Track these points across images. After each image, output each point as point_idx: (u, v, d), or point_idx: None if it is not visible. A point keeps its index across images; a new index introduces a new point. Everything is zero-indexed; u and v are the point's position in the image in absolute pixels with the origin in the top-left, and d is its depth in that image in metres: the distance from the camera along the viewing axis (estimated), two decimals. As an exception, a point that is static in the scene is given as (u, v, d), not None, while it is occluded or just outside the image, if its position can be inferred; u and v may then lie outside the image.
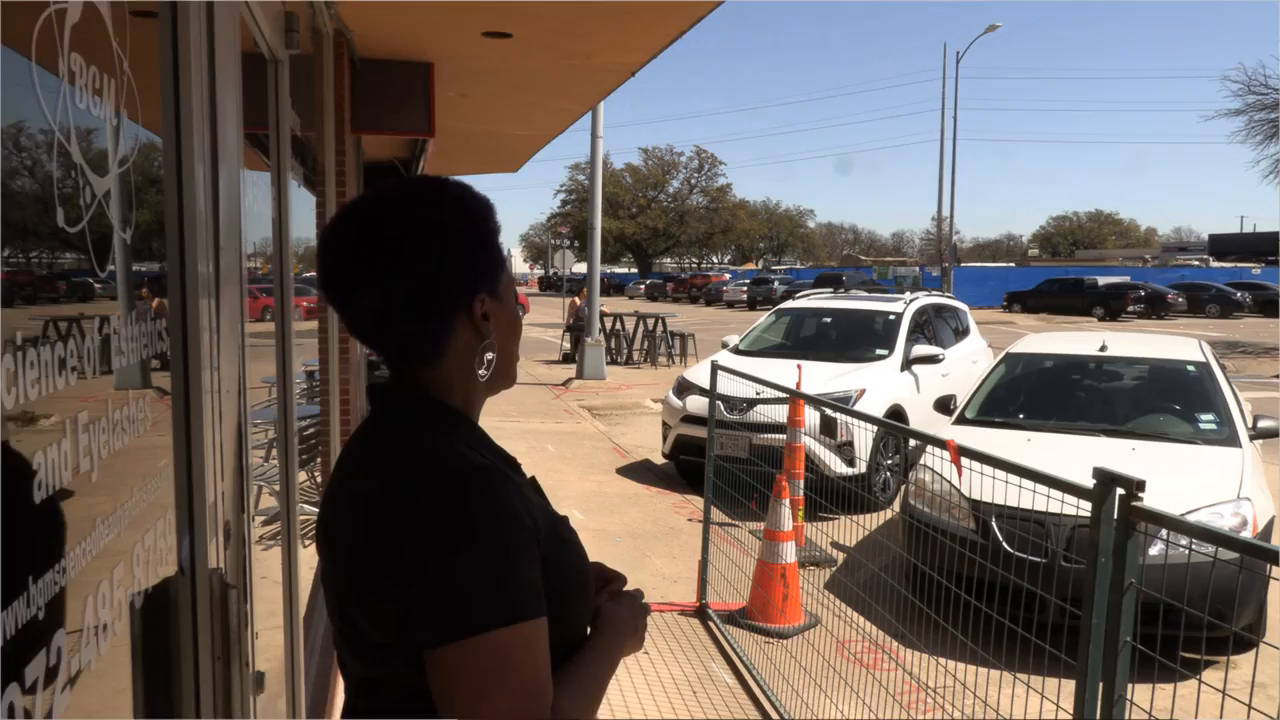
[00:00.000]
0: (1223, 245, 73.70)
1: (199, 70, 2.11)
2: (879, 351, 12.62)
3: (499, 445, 1.80)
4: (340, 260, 1.71)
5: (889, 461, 11.41)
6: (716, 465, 8.08)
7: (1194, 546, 3.16)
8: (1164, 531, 3.58)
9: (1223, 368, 9.53)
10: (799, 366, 10.57)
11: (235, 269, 2.35)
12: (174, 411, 1.98)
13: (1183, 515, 3.80)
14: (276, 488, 4.37)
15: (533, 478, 1.83)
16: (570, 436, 15.68)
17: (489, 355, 1.78)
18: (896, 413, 11.53)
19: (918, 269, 65.26)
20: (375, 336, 1.74)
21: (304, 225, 5.31)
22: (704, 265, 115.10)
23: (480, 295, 1.74)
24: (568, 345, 27.90)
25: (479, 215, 1.75)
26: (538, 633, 1.55)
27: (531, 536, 1.60)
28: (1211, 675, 5.93)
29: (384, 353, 1.76)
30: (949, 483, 7.29)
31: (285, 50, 3.98)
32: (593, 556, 1.89)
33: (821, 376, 11.43)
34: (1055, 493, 3.59)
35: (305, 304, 5.57)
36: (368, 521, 1.59)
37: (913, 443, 11.07)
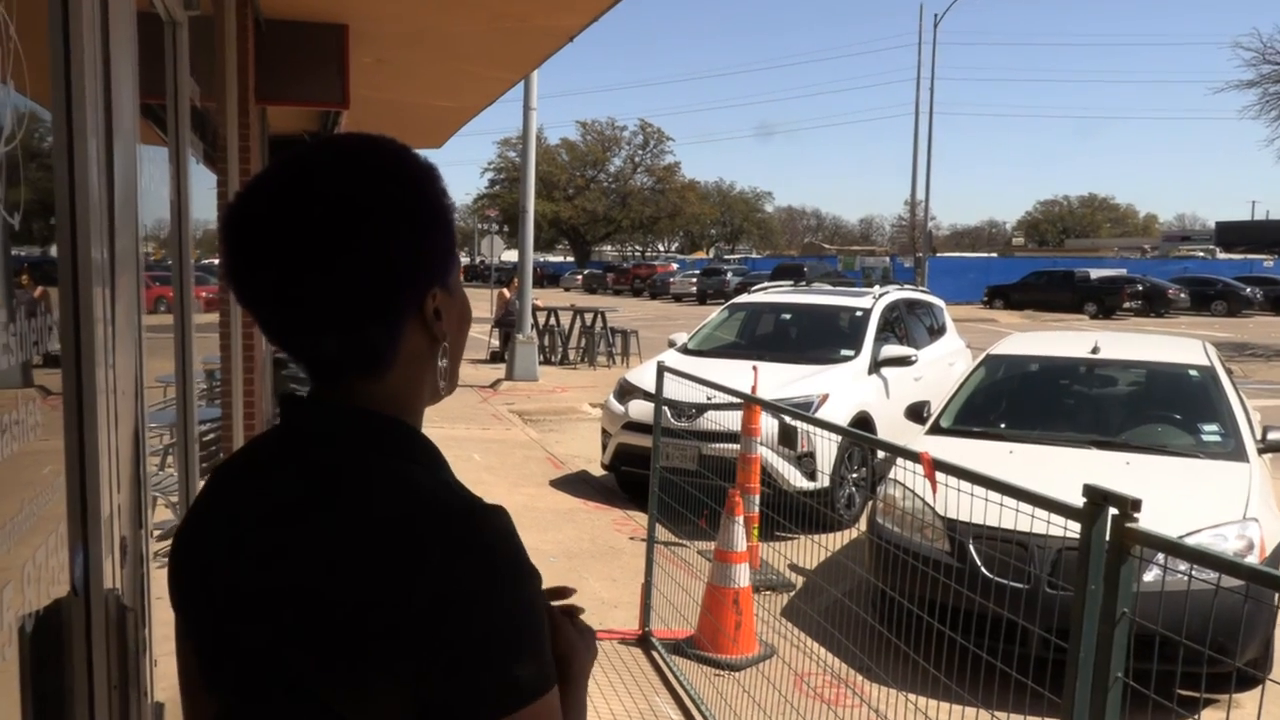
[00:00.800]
0: (1231, 234, 74.51)
1: (91, 34, 2.12)
2: (844, 352, 12.70)
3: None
4: (259, 246, 1.45)
5: (854, 475, 11.49)
6: (662, 478, 8.10)
7: (1194, 572, 3.20)
8: (1161, 556, 3.64)
9: (1229, 372, 9.62)
10: (755, 368, 10.58)
11: (131, 254, 2.35)
12: (65, 414, 1.98)
13: (1182, 537, 3.86)
14: (174, 499, 4.36)
15: None
16: (499, 444, 15.66)
17: (443, 363, 1.60)
18: (863, 420, 11.62)
19: (888, 259, 65.66)
20: (303, 342, 1.50)
21: (204, 206, 5.30)
22: (649, 254, 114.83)
23: (433, 289, 1.53)
24: (496, 343, 27.89)
25: (433, 185, 1.54)
26: (558, 698, 1.43)
27: (540, 585, 1.46)
28: (1212, 715, 6.05)
29: (311, 362, 1.53)
30: (921, 499, 7.34)
31: (184, 11, 3.98)
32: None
33: (780, 380, 11.50)
34: (1040, 512, 3.62)
35: (205, 294, 5.56)
36: (360, 578, 1.35)
37: (881, 454, 11.15)
